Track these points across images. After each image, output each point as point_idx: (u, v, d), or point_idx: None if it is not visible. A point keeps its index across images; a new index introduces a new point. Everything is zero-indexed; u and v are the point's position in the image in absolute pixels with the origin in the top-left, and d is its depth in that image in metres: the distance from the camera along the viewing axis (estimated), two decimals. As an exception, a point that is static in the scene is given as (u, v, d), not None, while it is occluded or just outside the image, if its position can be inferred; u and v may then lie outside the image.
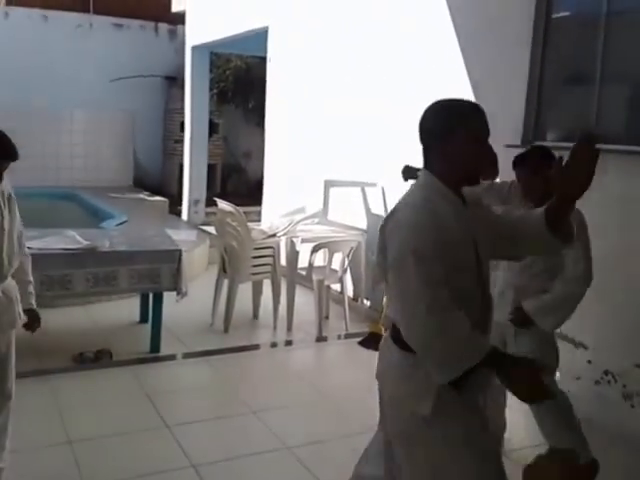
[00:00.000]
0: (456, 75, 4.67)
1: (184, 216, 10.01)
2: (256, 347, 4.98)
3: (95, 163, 11.74)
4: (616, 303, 3.59)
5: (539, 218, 1.90)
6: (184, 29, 10.08)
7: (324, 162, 6.41)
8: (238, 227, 5.15)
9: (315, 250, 5.09)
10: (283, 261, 5.44)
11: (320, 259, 5.31)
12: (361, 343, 4.86)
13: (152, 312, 4.64)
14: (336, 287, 5.51)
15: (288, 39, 7.09)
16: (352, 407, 3.81)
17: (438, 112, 1.88)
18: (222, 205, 5.35)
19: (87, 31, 11.66)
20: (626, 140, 3.73)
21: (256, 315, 5.52)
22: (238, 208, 5.22)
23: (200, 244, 7.21)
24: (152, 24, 12.20)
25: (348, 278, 5.45)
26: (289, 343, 5.09)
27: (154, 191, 11.33)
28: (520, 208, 2.73)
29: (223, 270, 5.28)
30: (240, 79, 12.48)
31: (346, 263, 5.30)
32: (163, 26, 12.28)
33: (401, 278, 1.79)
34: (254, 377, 4.45)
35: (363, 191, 5.84)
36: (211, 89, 10.86)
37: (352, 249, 5.27)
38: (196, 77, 9.76)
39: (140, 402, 3.83)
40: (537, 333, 2.87)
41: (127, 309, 5.37)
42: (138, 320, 5.22)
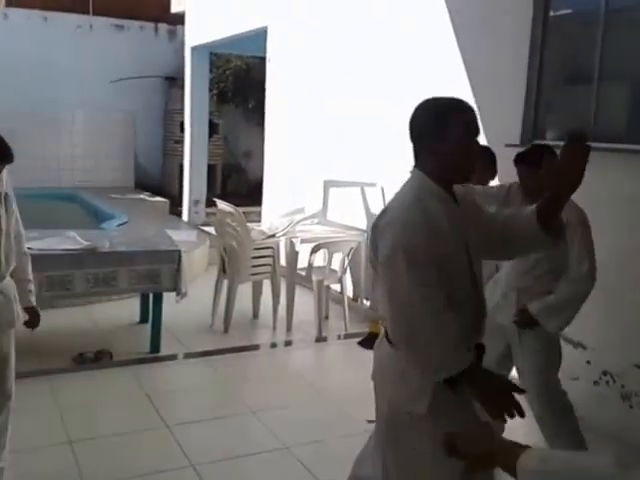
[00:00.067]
0: (455, 75, 4.68)
1: (184, 216, 10.02)
2: (256, 347, 4.99)
3: (96, 164, 11.74)
4: (615, 303, 3.59)
5: (530, 216, 1.90)
6: (184, 29, 10.09)
7: (324, 162, 6.42)
8: (237, 227, 5.16)
9: (315, 250, 5.10)
10: (283, 261, 5.45)
11: (320, 259, 5.32)
12: (361, 343, 4.87)
13: (152, 312, 4.65)
14: (336, 287, 5.52)
15: (287, 39, 7.10)
16: (352, 407, 3.81)
17: (427, 111, 1.88)
18: (221, 205, 5.36)
19: (87, 32, 11.66)
20: (632, 139, 3.70)
21: (256, 315, 5.53)
22: (237, 208, 5.23)
23: (200, 244, 7.22)
24: (152, 25, 12.20)
25: (348, 278, 5.46)
26: (289, 343, 5.10)
27: (154, 192, 11.33)
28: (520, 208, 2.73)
29: (223, 270, 5.28)
30: (240, 79, 12.48)
31: (346, 263, 5.30)
32: (163, 27, 12.28)
33: (391, 277, 1.80)
34: (254, 377, 4.46)
35: (363, 191, 5.85)
36: (211, 89, 10.86)
37: (352, 249, 5.27)
38: (196, 77, 9.77)
39: (140, 402, 3.84)
40: (541, 334, 2.85)
41: (127, 309, 5.38)
42: (138, 320, 5.23)
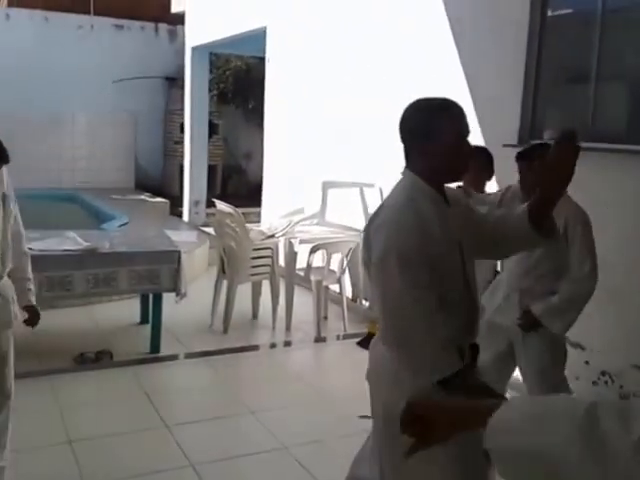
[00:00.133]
0: (453, 75, 4.69)
1: (185, 217, 10.03)
2: (255, 348, 5.01)
3: (97, 165, 11.76)
4: (613, 304, 3.60)
5: (522, 215, 1.91)
6: (184, 30, 10.10)
7: (323, 163, 6.43)
8: (237, 228, 5.17)
9: (313, 251, 5.10)
10: (282, 262, 5.47)
11: (319, 260, 5.33)
12: (360, 343, 4.88)
13: (152, 313, 4.67)
14: (335, 288, 5.52)
15: (286, 39, 7.11)
16: (351, 407, 3.80)
17: (417, 111, 1.90)
18: (221, 206, 5.37)
19: (88, 32, 11.68)
20: (632, 139, 3.70)
21: (255, 316, 5.54)
22: (236, 209, 5.24)
23: (200, 245, 7.23)
24: (152, 25, 12.22)
25: (346, 279, 5.46)
26: (288, 344, 5.12)
27: (155, 192, 11.35)
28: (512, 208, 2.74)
29: (222, 271, 5.30)
30: (240, 80, 12.49)
31: (344, 264, 5.31)
32: (163, 27, 12.29)
33: (384, 278, 1.81)
34: (253, 377, 4.48)
35: (361, 192, 5.86)
36: (211, 90, 10.87)
37: (350, 250, 5.28)
38: (196, 78, 9.78)
39: (140, 402, 3.86)
40: (545, 335, 2.84)
41: (127, 310, 5.39)
42: (138, 321, 5.24)
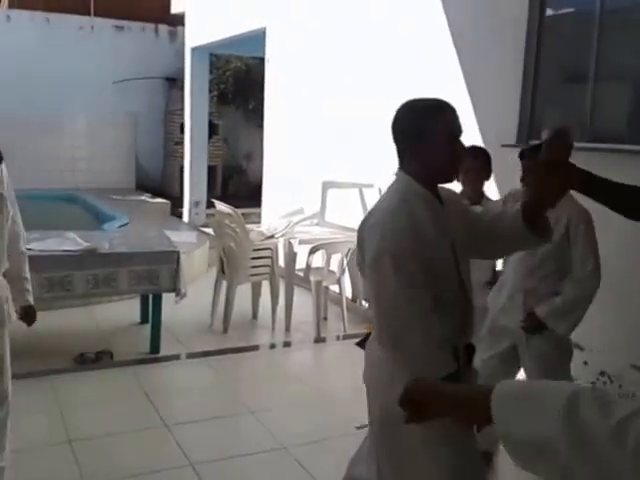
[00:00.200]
0: (452, 76, 4.70)
1: (185, 218, 10.05)
2: (255, 348, 5.02)
3: (98, 165, 11.77)
4: (612, 304, 3.61)
5: (516, 214, 1.91)
6: (184, 30, 10.12)
7: (323, 163, 6.44)
8: (236, 229, 5.18)
9: (313, 251, 5.11)
10: (281, 262, 5.48)
11: (318, 260, 5.34)
12: (359, 344, 4.84)
13: (151, 313, 4.68)
14: (334, 288, 5.53)
15: (286, 40, 7.12)
16: (350, 407, 3.82)
17: (409, 111, 1.89)
18: (220, 207, 5.38)
19: (88, 33, 11.71)
20: (631, 139, 3.70)
21: (255, 316, 5.55)
22: (236, 210, 5.25)
23: (200, 245, 7.24)
24: (152, 26, 12.24)
25: (346, 279, 5.47)
26: (287, 344, 5.13)
27: (155, 193, 11.37)
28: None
29: (222, 271, 5.31)
30: (240, 80, 12.51)
31: (344, 264, 5.32)
32: (163, 27, 12.31)
33: (378, 279, 1.82)
34: (253, 378, 4.49)
35: (361, 192, 5.87)
36: (211, 90, 10.88)
37: (350, 250, 5.28)
38: (196, 78, 9.79)
39: (140, 402, 3.87)
40: (550, 336, 2.81)
41: (128, 310, 5.41)
42: (138, 321, 5.26)
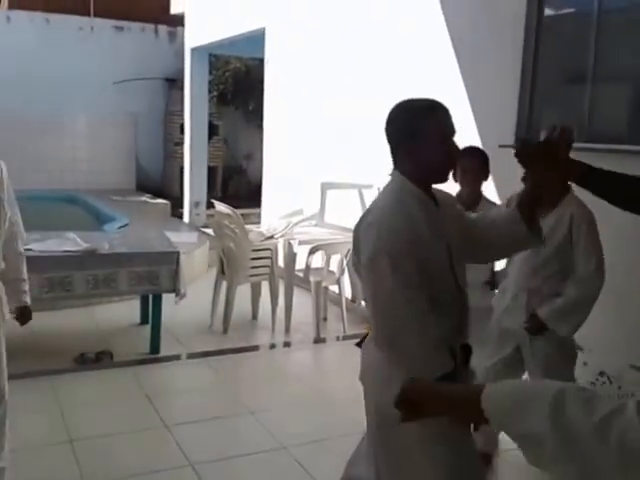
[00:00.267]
0: (452, 76, 4.70)
1: (185, 218, 10.06)
2: (255, 348, 5.02)
3: (98, 166, 11.79)
4: (612, 304, 3.61)
5: (512, 213, 1.93)
6: (183, 31, 10.13)
7: (322, 164, 6.45)
8: (235, 229, 5.19)
9: (312, 252, 5.12)
10: (281, 263, 5.48)
11: (318, 261, 5.35)
12: (359, 345, 4.85)
13: (151, 313, 4.69)
14: (334, 289, 5.54)
15: (285, 40, 7.12)
16: (349, 408, 3.81)
17: (402, 112, 1.90)
18: (219, 207, 5.39)
19: (88, 34, 11.72)
20: (630, 140, 3.69)
21: (255, 316, 5.56)
22: (235, 210, 5.25)
23: (200, 246, 7.26)
24: (152, 26, 12.25)
25: (346, 280, 5.48)
26: (287, 344, 5.14)
27: (156, 193, 11.38)
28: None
29: (222, 272, 5.32)
30: (240, 81, 12.53)
31: (343, 265, 5.33)
32: (163, 28, 12.32)
33: (374, 279, 1.82)
34: (252, 378, 4.49)
35: (360, 193, 5.88)
36: (210, 91, 10.89)
37: (349, 251, 5.29)
38: (195, 79, 9.80)
39: (140, 402, 3.88)
40: (552, 338, 2.80)
41: (128, 311, 5.42)
42: (139, 322, 5.27)
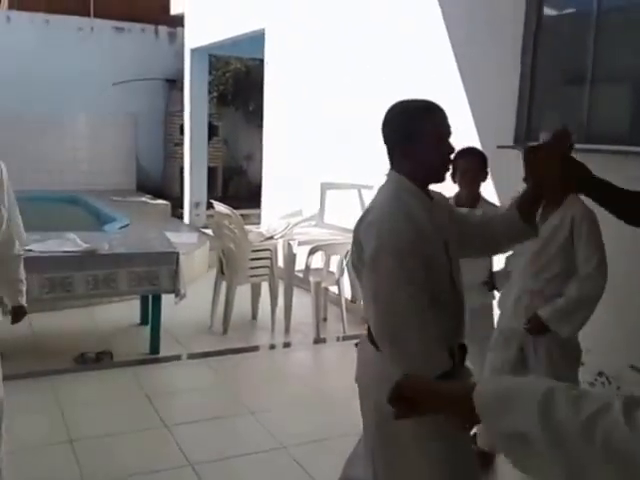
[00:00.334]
0: (451, 77, 4.71)
1: (185, 219, 10.07)
2: (254, 349, 5.03)
3: (98, 166, 11.81)
4: (611, 305, 3.61)
5: (512, 212, 1.96)
6: (183, 31, 10.14)
7: (322, 164, 6.46)
8: (235, 230, 5.20)
9: (312, 252, 5.12)
10: (281, 263, 5.49)
11: (317, 261, 5.36)
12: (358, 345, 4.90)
13: (151, 314, 4.69)
14: (333, 289, 5.54)
15: (285, 41, 7.13)
16: (349, 408, 3.80)
17: (398, 114, 1.92)
18: (219, 208, 5.39)
19: (88, 34, 11.74)
20: (629, 140, 3.69)
21: (254, 317, 5.56)
22: (234, 211, 5.26)
23: (200, 246, 7.26)
24: (152, 27, 12.27)
25: (345, 280, 5.48)
26: (287, 345, 5.14)
27: (156, 194, 11.40)
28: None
29: (221, 272, 5.33)
30: (240, 81, 12.54)
31: (343, 265, 5.33)
32: (163, 29, 12.34)
33: (376, 276, 1.82)
34: (252, 378, 4.50)
35: (359, 193, 5.88)
36: (210, 92, 10.89)
37: (349, 251, 5.30)
38: (195, 80, 9.80)
39: (140, 402, 3.89)
40: (555, 338, 2.77)
41: (128, 311, 5.43)
42: (138, 322, 5.28)
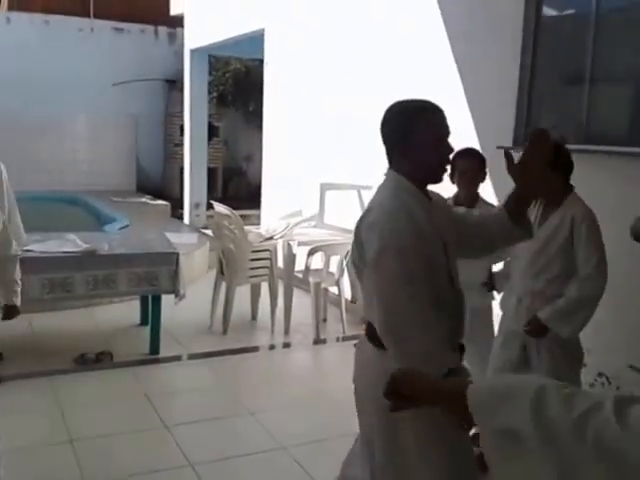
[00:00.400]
0: (451, 77, 4.71)
1: (186, 219, 10.08)
2: (254, 349, 5.03)
3: (98, 167, 11.81)
4: (611, 305, 3.61)
5: (502, 214, 1.98)
6: (183, 32, 10.14)
7: (322, 165, 6.46)
8: (235, 230, 5.20)
9: (312, 253, 5.12)
10: (280, 264, 5.49)
11: (317, 262, 5.36)
12: (358, 345, 4.90)
13: (151, 314, 4.70)
14: (333, 290, 5.55)
15: (284, 41, 7.14)
16: (349, 408, 3.82)
17: (397, 114, 1.93)
18: (219, 208, 5.40)
19: (88, 35, 11.75)
20: (629, 141, 3.69)
21: (254, 317, 5.57)
22: (234, 211, 5.26)
23: (200, 247, 7.27)
24: (152, 27, 12.27)
25: (345, 281, 5.49)
26: (287, 345, 5.15)
27: (156, 195, 11.40)
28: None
29: (221, 272, 5.33)
30: (240, 82, 12.54)
31: (343, 266, 5.33)
32: (163, 29, 12.34)
33: (379, 275, 1.82)
34: (252, 379, 4.51)
35: (359, 194, 5.89)
36: (210, 92, 10.90)
37: (349, 252, 5.31)
38: (195, 80, 9.80)
39: (140, 403, 3.90)
40: (557, 339, 2.76)
41: (128, 312, 5.44)
42: (138, 322, 5.29)
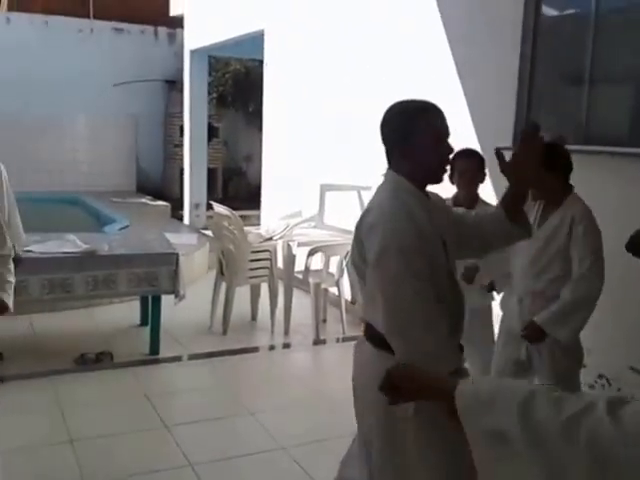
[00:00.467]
0: (451, 78, 4.72)
1: (185, 220, 10.08)
2: (254, 350, 5.04)
3: (98, 168, 11.82)
4: (611, 306, 3.61)
5: (499, 213, 1.99)
6: (183, 33, 10.14)
7: (321, 165, 6.47)
8: (234, 231, 5.21)
9: (312, 253, 5.13)
10: (280, 264, 5.49)
11: (317, 262, 5.36)
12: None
13: (151, 315, 4.70)
14: (333, 290, 5.55)
15: (284, 42, 7.14)
16: (349, 409, 3.83)
17: (396, 114, 1.93)
18: (218, 209, 5.41)
19: (88, 36, 11.75)
20: (628, 142, 3.70)
21: (254, 318, 5.57)
22: (234, 212, 5.27)
23: (200, 248, 7.27)
24: (152, 28, 12.28)
25: (345, 281, 5.49)
26: (287, 346, 5.16)
27: (156, 195, 11.41)
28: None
29: (221, 273, 5.34)
30: (239, 83, 12.55)
31: (343, 266, 5.34)
32: (162, 30, 12.35)
33: (382, 276, 1.81)
34: (252, 379, 4.51)
35: (359, 195, 5.89)
36: (210, 93, 10.91)
37: (348, 252, 5.31)
38: (195, 81, 9.81)
39: (140, 403, 3.90)
40: (557, 342, 2.74)
41: (128, 312, 5.44)
42: (138, 323, 5.29)
